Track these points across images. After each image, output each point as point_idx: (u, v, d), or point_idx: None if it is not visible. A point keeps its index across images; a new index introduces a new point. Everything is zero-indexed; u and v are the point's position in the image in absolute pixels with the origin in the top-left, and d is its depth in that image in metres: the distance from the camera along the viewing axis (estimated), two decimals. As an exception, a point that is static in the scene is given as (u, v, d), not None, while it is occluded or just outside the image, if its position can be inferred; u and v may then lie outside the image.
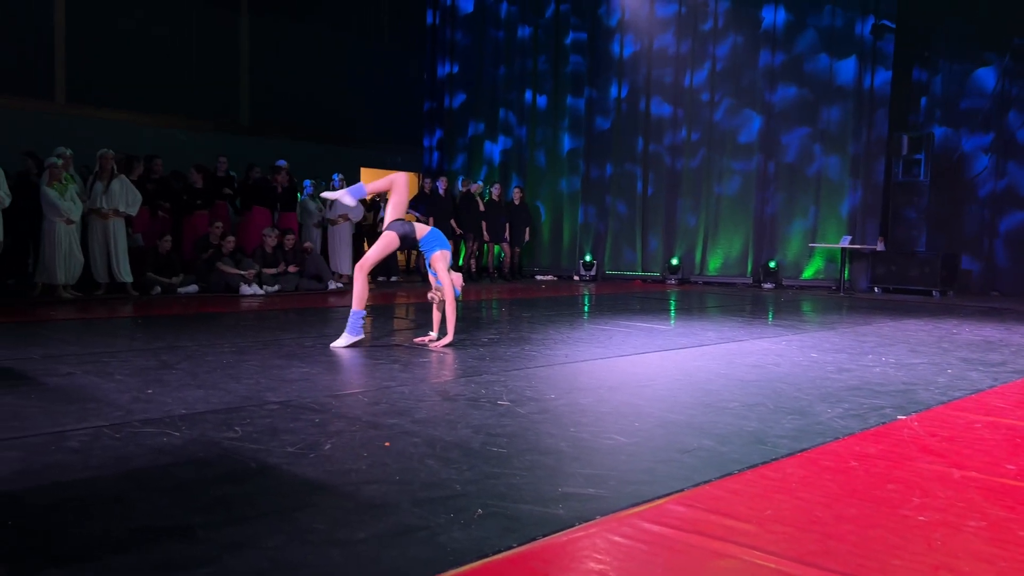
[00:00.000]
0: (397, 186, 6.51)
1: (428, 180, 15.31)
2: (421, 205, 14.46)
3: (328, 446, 3.38)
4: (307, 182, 13.39)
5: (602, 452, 3.43)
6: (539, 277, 16.64)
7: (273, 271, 11.34)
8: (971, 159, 14.17)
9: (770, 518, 2.66)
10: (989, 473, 3.25)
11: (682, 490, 2.91)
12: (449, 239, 6.61)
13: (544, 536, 2.44)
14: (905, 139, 13.86)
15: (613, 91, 16.52)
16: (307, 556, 2.25)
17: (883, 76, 14.02)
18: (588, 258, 16.41)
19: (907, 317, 9.77)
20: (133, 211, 10.45)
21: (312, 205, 13.15)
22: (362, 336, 6.38)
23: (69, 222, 9.73)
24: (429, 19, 18.78)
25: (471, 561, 2.25)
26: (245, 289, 10.78)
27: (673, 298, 12.44)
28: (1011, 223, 13.82)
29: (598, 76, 16.68)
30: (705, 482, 3.01)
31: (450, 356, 6.01)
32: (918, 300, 12.65)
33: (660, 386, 5.01)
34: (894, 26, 13.84)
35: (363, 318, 6.36)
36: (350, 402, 4.27)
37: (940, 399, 4.72)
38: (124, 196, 10.31)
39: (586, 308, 10.55)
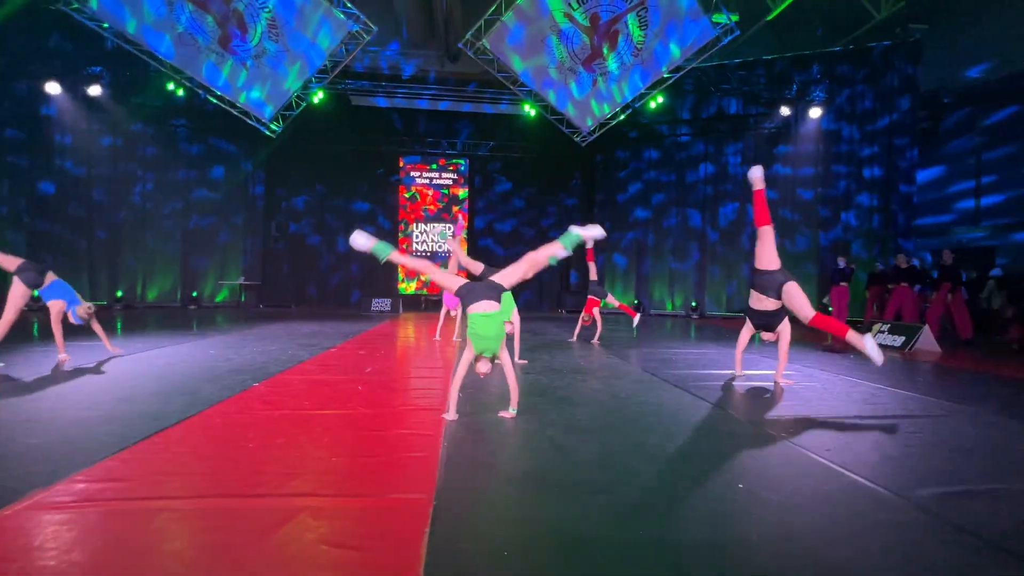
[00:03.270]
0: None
1: None
2: None
3: None
4: None
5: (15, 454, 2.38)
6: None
7: None
8: (307, 234, 14.21)
9: (149, 471, 2.25)
10: (295, 409, 3.24)
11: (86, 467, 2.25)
12: None
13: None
14: (274, 225, 13.51)
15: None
16: None
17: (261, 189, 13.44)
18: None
19: (274, 322, 9.48)
20: None
21: None
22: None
23: None
24: None
25: None
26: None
27: (119, 319, 9.47)
28: (329, 274, 14.16)
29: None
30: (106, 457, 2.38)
31: None
32: (284, 311, 12.19)
33: (83, 388, 3.68)
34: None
35: None
36: None
37: (280, 369, 4.56)
38: None
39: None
